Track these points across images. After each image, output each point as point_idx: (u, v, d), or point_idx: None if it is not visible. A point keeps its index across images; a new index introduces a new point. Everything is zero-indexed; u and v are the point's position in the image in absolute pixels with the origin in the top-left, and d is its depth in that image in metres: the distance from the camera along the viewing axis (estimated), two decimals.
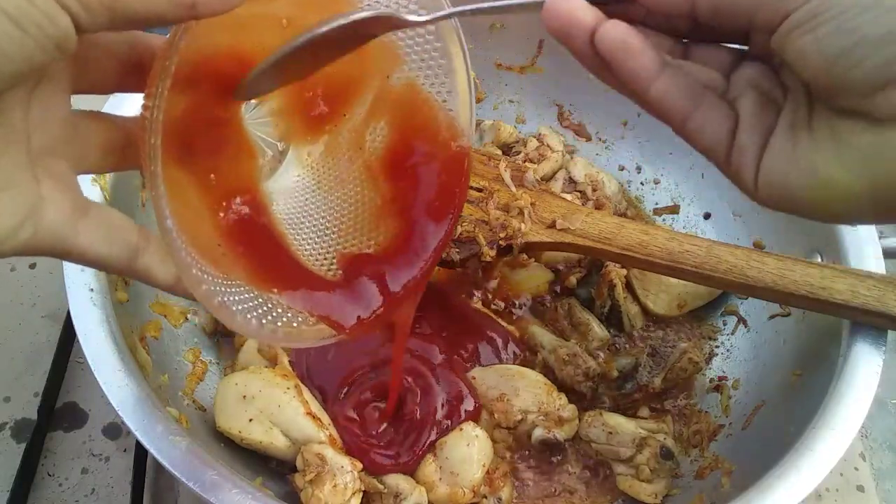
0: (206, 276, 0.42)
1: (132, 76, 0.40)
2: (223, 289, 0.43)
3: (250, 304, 0.45)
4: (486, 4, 0.42)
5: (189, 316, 0.71)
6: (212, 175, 0.45)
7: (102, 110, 0.44)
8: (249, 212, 0.48)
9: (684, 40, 0.41)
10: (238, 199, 0.47)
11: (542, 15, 0.40)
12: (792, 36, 0.34)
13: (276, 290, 0.47)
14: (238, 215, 0.47)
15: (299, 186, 0.53)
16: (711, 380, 0.73)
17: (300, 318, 0.47)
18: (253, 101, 0.48)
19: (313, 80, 0.49)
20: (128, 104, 0.62)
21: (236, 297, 0.44)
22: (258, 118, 0.50)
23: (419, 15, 0.44)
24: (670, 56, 0.40)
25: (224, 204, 0.47)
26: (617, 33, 0.38)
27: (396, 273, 0.52)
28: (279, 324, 0.46)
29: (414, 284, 0.52)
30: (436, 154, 0.53)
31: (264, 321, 0.45)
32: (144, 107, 0.36)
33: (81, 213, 0.37)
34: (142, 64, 0.40)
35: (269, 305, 0.46)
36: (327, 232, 0.53)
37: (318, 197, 0.54)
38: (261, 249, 0.48)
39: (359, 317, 0.50)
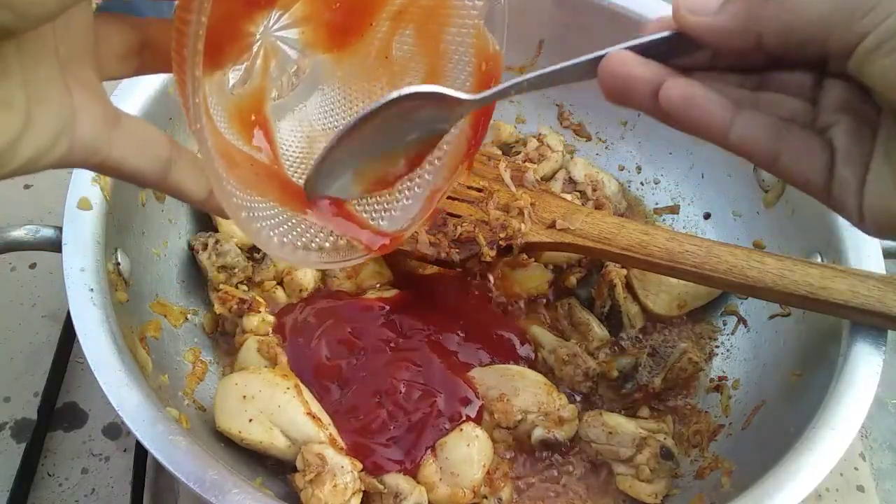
0: (240, 195, 0.42)
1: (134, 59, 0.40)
2: (257, 210, 0.44)
3: (284, 226, 0.45)
4: (536, 74, 0.41)
5: (189, 316, 0.71)
6: (235, 91, 0.45)
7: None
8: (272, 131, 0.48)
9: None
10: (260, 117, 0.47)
11: (598, 79, 0.38)
12: (871, 59, 0.32)
13: (308, 212, 0.47)
14: (265, 134, 0.47)
15: (326, 101, 0.53)
16: (711, 380, 0.73)
17: (331, 240, 0.48)
18: (277, 9, 0.48)
19: None
20: None
21: (270, 219, 0.45)
22: (283, 26, 0.49)
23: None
24: (746, 89, 0.38)
25: (252, 120, 0.47)
26: (679, 90, 0.37)
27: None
28: (312, 245, 0.47)
29: (440, 194, 0.53)
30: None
31: (298, 244, 0.46)
32: (183, 8, 0.35)
33: (114, 123, 0.37)
34: (143, 46, 0.40)
35: (302, 227, 0.47)
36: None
37: (345, 111, 0.54)
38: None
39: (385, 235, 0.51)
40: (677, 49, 0.38)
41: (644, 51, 0.38)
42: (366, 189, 0.52)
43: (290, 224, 0.47)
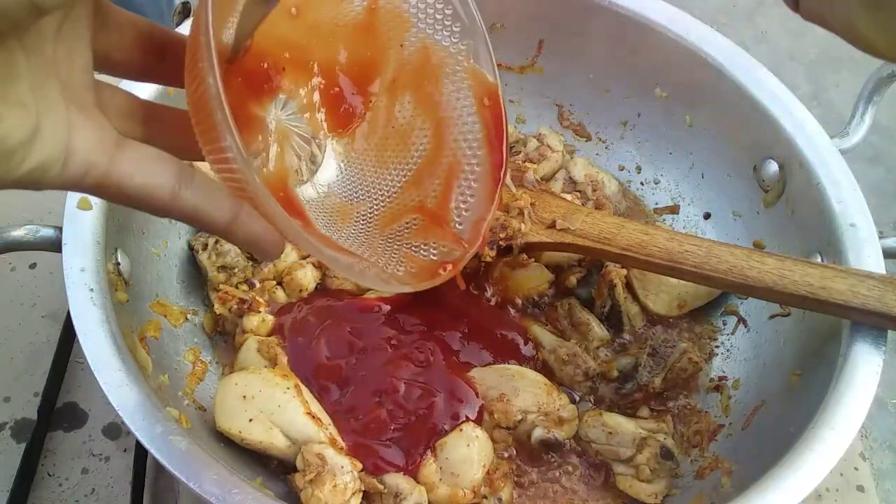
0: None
1: (153, 59, 0.40)
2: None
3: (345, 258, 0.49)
4: None
5: (189, 316, 0.71)
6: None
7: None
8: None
9: None
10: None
11: None
12: None
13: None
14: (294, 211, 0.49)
15: (346, 178, 0.55)
16: (711, 380, 0.73)
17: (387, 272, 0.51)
18: (282, 97, 0.49)
19: (332, 73, 0.50)
20: None
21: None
22: (291, 113, 0.50)
23: None
24: None
25: (280, 197, 0.48)
26: None
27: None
28: (358, 269, 0.49)
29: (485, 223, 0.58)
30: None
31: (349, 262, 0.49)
32: (204, 84, 0.35)
33: (115, 145, 0.35)
34: (164, 50, 0.40)
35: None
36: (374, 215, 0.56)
37: (365, 183, 0.56)
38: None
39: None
40: None
41: None
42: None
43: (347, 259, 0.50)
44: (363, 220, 0.56)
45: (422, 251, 0.57)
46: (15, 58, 0.32)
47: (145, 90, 0.64)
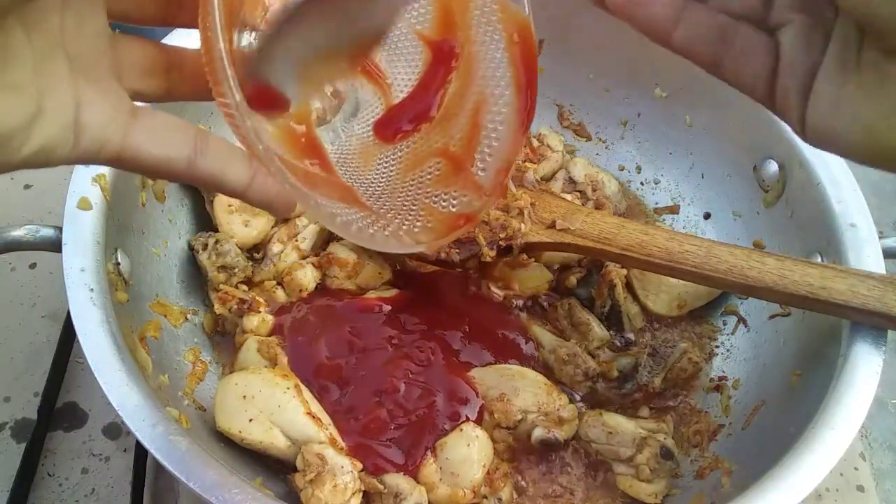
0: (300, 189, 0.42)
1: (174, 7, 0.39)
2: (326, 204, 0.44)
3: (354, 218, 0.47)
4: None
5: (189, 316, 0.71)
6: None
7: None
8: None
9: None
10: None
11: None
12: None
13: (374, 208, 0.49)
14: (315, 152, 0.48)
15: (368, 113, 0.54)
16: (711, 380, 0.73)
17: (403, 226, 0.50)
18: None
19: None
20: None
21: (341, 212, 0.46)
22: None
23: None
24: None
25: (301, 141, 0.47)
26: None
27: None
28: (372, 231, 0.48)
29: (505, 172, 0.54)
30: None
31: (359, 226, 0.47)
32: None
33: (129, 116, 0.35)
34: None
35: (372, 218, 0.48)
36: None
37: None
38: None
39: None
40: None
41: None
42: (311, 89, 0.51)
43: (360, 216, 0.48)
44: (385, 164, 0.54)
45: (441, 202, 0.54)
46: (11, 39, 0.31)
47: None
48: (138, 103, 0.37)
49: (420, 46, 0.53)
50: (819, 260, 0.67)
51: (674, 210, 0.86)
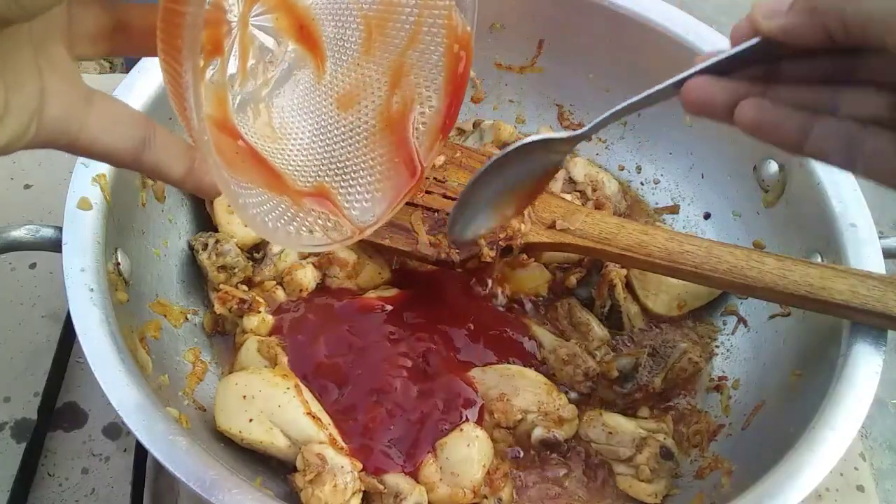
0: (230, 178, 0.42)
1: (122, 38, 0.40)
2: (248, 194, 0.44)
3: (275, 210, 0.46)
4: (625, 105, 0.49)
5: (189, 316, 0.71)
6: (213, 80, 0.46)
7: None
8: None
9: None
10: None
11: (681, 101, 0.44)
12: None
13: (293, 196, 0.48)
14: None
15: (300, 88, 0.54)
16: (711, 380, 0.73)
17: (319, 223, 0.49)
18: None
19: None
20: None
21: (261, 205, 0.45)
22: (259, 12, 0.49)
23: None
24: (828, 89, 0.41)
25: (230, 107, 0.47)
26: (751, 115, 0.40)
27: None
28: (303, 228, 0.48)
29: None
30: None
31: (290, 228, 0.47)
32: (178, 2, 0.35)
33: (86, 103, 0.36)
34: None
35: (291, 212, 0.48)
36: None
37: (318, 95, 0.54)
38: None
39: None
40: (755, 58, 0.42)
41: (725, 65, 0.42)
42: (502, 221, 0.62)
43: (279, 209, 0.48)
44: (316, 143, 0.55)
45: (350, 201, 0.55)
46: None
47: None
48: (91, 87, 0.38)
49: (361, 24, 0.54)
50: (819, 260, 0.67)
51: (674, 210, 0.86)
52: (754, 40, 0.41)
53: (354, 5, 0.53)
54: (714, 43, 0.77)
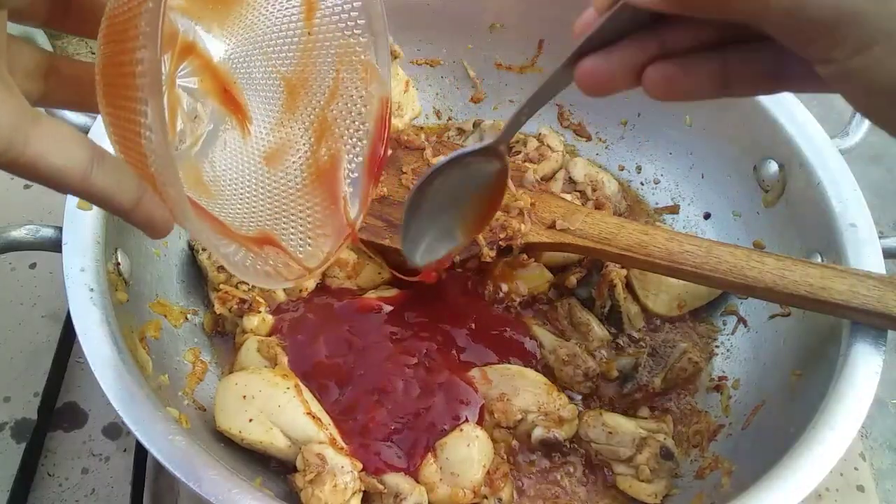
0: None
1: (60, 11, 0.40)
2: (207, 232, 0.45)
3: (237, 253, 0.47)
4: (528, 99, 0.47)
5: (189, 316, 0.71)
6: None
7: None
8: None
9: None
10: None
11: (578, 86, 0.41)
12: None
13: (238, 242, 0.49)
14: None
15: (228, 145, 0.55)
16: (711, 380, 0.73)
17: (278, 264, 0.50)
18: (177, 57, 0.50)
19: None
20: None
21: (231, 250, 0.46)
22: (185, 73, 0.51)
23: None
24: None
25: None
26: (661, 84, 0.38)
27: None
28: (247, 263, 0.48)
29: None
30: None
31: (236, 258, 0.47)
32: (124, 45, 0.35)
33: (31, 121, 0.35)
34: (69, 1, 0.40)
35: (244, 252, 0.49)
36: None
37: (245, 151, 0.56)
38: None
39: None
40: (634, 18, 0.38)
41: (607, 35, 0.39)
42: (469, 237, 0.62)
43: (243, 253, 0.49)
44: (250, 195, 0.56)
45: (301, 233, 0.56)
46: None
47: None
48: (37, 108, 0.37)
49: (281, 86, 0.55)
50: (819, 260, 0.67)
51: (674, 210, 0.86)
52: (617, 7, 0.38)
53: (273, 69, 0.54)
54: None
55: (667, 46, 0.39)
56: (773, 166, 0.75)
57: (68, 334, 0.76)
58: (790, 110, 0.73)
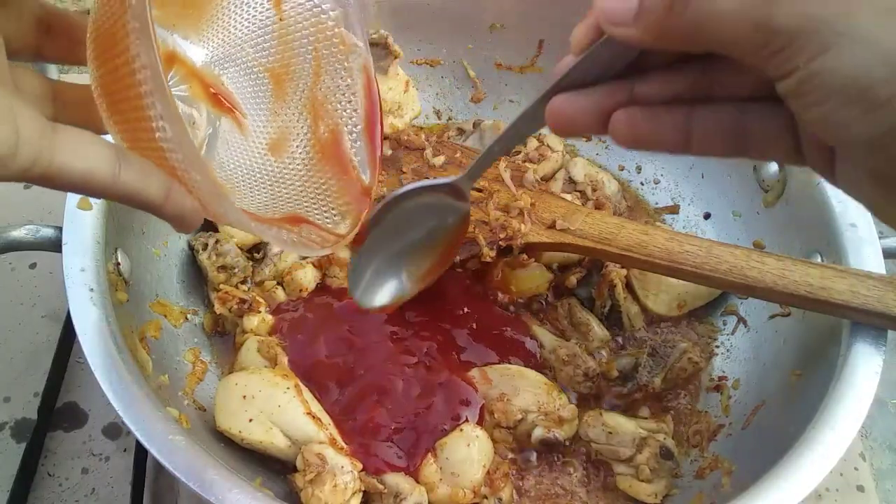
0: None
1: (44, 38, 0.41)
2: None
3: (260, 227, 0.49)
4: (499, 137, 0.48)
5: (189, 316, 0.71)
6: None
7: None
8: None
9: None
10: None
11: (548, 125, 0.42)
12: (797, 102, 0.34)
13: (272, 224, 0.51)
14: None
15: (231, 145, 0.56)
16: (711, 380, 0.73)
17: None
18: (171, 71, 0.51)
19: None
20: None
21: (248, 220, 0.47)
22: (174, 82, 0.51)
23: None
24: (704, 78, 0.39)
25: None
26: (623, 130, 0.39)
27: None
28: (284, 238, 0.51)
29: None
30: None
31: (272, 233, 0.50)
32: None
33: (52, 131, 0.35)
34: (50, 26, 0.41)
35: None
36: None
37: (248, 147, 0.57)
38: None
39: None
40: (613, 57, 0.39)
41: (584, 74, 0.40)
42: (418, 285, 0.63)
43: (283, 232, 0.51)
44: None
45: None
46: None
47: None
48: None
49: (266, 77, 0.56)
50: (819, 260, 0.67)
51: (674, 210, 0.86)
52: (598, 43, 0.39)
53: (256, 63, 0.55)
54: None
55: (637, 96, 0.39)
56: (773, 166, 0.75)
57: (68, 334, 0.76)
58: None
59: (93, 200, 0.61)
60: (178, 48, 0.52)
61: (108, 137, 0.44)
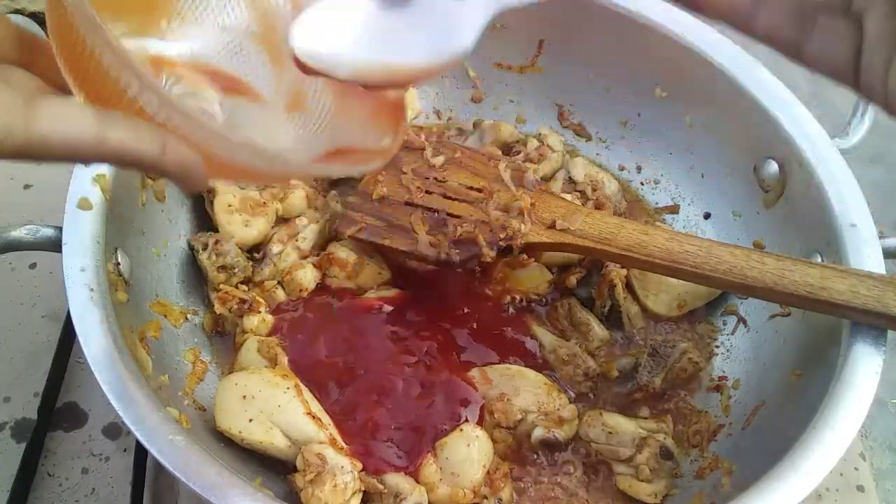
0: None
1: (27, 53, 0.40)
2: None
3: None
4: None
5: (189, 316, 0.71)
6: None
7: None
8: None
9: None
10: None
11: None
12: None
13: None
14: None
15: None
16: (711, 380, 0.73)
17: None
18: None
19: None
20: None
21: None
22: (170, 84, 0.51)
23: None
24: None
25: None
26: None
27: None
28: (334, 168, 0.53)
29: None
30: None
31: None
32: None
33: (26, 104, 0.34)
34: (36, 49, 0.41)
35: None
36: None
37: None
38: None
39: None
40: None
41: None
42: None
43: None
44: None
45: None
46: None
47: None
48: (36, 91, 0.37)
49: (256, 44, 0.56)
50: (819, 260, 0.67)
51: (674, 210, 0.86)
52: None
53: (239, 36, 0.55)
54: (714, 43, 0.77)
55: None
56: (773, 166, 0.75)
57: (68, 334, 0.76)
58: (790, 110, 0.73)
59: (93, 201, 0.61)
60: (159, 50, 0.51)
61: None
